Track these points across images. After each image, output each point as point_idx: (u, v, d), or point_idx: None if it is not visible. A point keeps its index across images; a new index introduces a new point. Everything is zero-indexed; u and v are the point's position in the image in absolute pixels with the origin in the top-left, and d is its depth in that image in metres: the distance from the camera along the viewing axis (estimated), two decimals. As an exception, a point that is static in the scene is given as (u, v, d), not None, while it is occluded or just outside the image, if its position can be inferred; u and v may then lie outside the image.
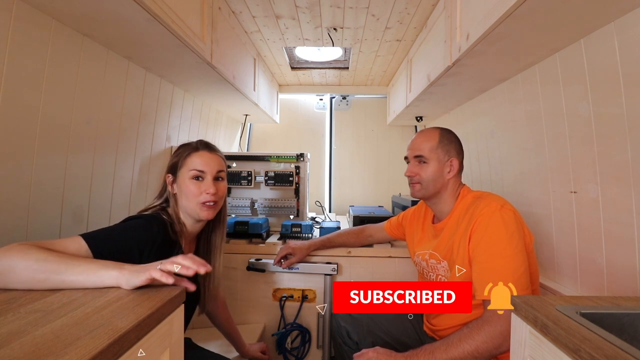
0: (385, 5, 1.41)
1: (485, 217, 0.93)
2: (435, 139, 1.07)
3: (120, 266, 0.65)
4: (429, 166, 1.06)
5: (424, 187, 1.07)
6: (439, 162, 1.05)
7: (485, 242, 0.91)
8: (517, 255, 0.88)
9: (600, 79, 0.90)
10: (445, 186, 1.07)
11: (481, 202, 0.97)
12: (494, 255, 0.89)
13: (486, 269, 0.90)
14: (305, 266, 1.49)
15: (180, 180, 0.96)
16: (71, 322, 0.50)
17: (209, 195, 0.94)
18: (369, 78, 2.49)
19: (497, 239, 0.90)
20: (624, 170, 0.85)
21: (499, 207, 0.93)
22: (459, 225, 1.00)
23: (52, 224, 0.99)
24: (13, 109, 0.83)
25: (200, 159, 0.96)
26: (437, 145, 1.06)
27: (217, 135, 2.20)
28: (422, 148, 1.07)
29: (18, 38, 0.81)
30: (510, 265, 0.87)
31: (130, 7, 0.83)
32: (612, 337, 0.52)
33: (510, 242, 0.89)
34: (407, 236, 1.30)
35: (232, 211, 1.77)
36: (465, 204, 1.02)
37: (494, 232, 0.91)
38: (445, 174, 1.06)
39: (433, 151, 1.06)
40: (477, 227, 0.94)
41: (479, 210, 0.95)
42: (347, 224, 2.10)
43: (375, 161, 2.80)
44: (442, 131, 1.10)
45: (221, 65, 1.36)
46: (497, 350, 0.83)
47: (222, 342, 1.29)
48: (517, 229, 0.91)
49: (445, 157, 1.06)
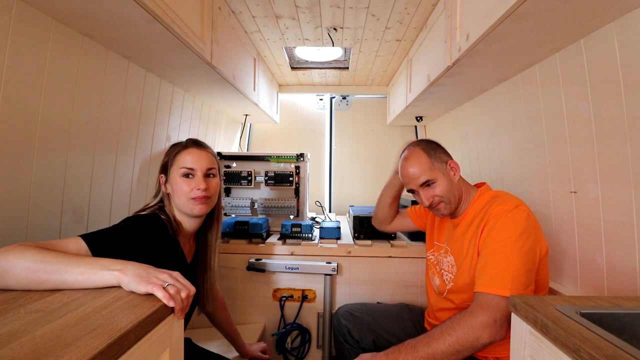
0: (385, 5, 1.41)
1: (497, 215, 0.93)
2: (424, 157, 1.05)
3: (123, 264, 0.64)
4: (439, 183, 1.04)
5: (448, 202, 1.05)
6: (442, 173, 1.04)
7: (492, 238, 0.91)
8: (521, 255, 0.87)
9: (600, 79, 0.90)
10: (460, 188, 1.08)
11: (496, 201, 0.97)
12: (497, 251, 0.89)
13: (487, 262, 0.90)
14: (305, 266, 1.50)
15: (172, 179, 0.96)
16: (71, 322, 0.50)
17: (200, 191, 0.94)
18: (369, 78, 2.49)
19: (504, 237, 0.90)
20: (624, 170, 0.85)
21: (513, 206, 0.93)
22: (473, 221, 1.01)
23: (52, 223, 0.99)
24: (13, 108, 0.83)
25: (189, 156, 0.96)
26: (430, 161, 1.05)
27: (217, 135, 2.20)
28: (422, 174, 1.04)
29: (18, 38, 0.81)
30: (510, 263, 0.87)
31: (130, 7, 0.83)
32: (612, 337, 0.52)
33: (517, 241, 0.88)
34: (427, 227, 1.29)
35: (232, 211, 1.77)
36: (482, 201, 1.03)
37: (502, 228, 0.91)
38: (453, 179, 1.06)
39: (433, 170, 1.04)
40: (488, 224, 0.94)
41: (492, 209, 0.95)
42: (347, 223, 2.10)
43: (375, 161, 2.80)
44: (422, 147, 1.08)
45: (221, 65, 1.36)
46: (478, 342, 0.82)
47: (222, 342, 1.29)
48: (528, 230, 0.90)
49: (443, 165, 1.06)
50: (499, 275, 0.86)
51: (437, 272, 1.13)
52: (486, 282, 0.87)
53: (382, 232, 1.62)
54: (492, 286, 0.86)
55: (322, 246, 1.54)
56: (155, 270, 0.65)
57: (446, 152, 1.10)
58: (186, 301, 0.63)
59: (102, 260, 0.66)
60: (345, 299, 1.51)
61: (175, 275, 0.66)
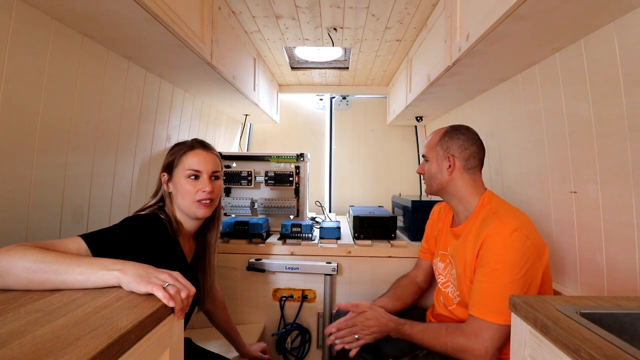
0: (385, 5, 1.41)
1: (494, 239, 0.93)
2: (438, 137, 1.11)
3: (123, 264, 0.64)
4: (429, 164, 1.12)
5: (427, 184, 1.14)
6: (437, 159, 1.09)
7: (487, 263, 0.93)
8: (514, 283, 0.89)
9: (600, 79, 0.90)
10: (450, 182, 1.07)
11: (495, 220, 0.95)
12: (491, 279, 0.91)
13: (480, 288, 0.93)
14: (305, 266, 1.50)
15: (176, 179, 0.96)
16: (71, 322, 0.50)
17: (205, 194, 0.94)
18: (369, 78, 2.49)
19: (499, 264, 0.90)
20: (624, 170, 0.85)
21: (510, 231, 0.91)
22: (469, 236, 1.01)
23: (52, 223, 0.99)
24: (13, 108, 0.83)
25: (196, 157, 0.96)
26: (437, 143, 1.10)
27: (217, 135, 2.20)
28: (426, 147, 1.14)
29: (18, 38, 0.81)
30: (502, 292, 0.88)
31: (130, 7, 0.83)
32: (612, 337, 0.52)
33: (511, 270, 0.89)
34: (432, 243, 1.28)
35: (232, 211, 1.77)
36: (481, 215, 1.01)
37: (497, 256, 0.91)
38: (444, 170, 1.07)
39: (432, 149, 1.11)
40: (484, 246, 0.94)
41: (489, 230, 0.94)
42: (347, 223, 2.10)
43: (375, 161, 2.80)
44: (448, 129, 1.11)
45: (221, 65, 1.36)
46: (459, 356, 0.92)
47: (222, 342, 1.29)
48: (524, 256, 0.89)
49: (444, 153, 1.07)
50: (494, 303, 0.90)
51: (443, 283, 1.13)
52: (481, 307, 0.92)
53: (382, 232, 1.62)
54: (487, 313, 0.90)
55: (322, 246, 1.54)
56: (155, 270, 0.65)
57: (463, 146, 1.06)
58: (186, 301, 0.63)
59: (102, 260, 0.66)
60: (345, 299, 1.51)
61: (176, 275, 0.66)
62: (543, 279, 0.94)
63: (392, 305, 1.20)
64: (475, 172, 1.08)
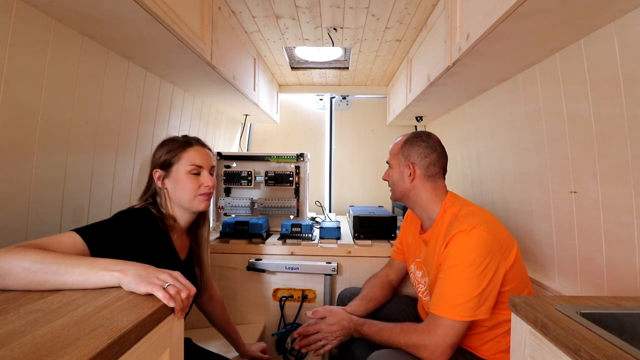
0: (385, 5, 1.41)
1: (455, 239, 0.93)
2: (400, 144, 1.12)
3: (123, 265, 0.64)
4: (391, 171, 1.15)
5: (392, 190, 1.16)
6: (399, 166, 1.11)
7: (448, 260, 0.93)
8: (473, 278, 0.88)
9: (600, 79, 0.90)
10: (412, 190, 1.08)
11: (456, 222, 0.96)
12: (449, 276, 0.91)
13: (439, 286, 0.93)
14: (305, 266, 1.50)
15: (176, 175, 0.97)
16: (71, 322, 0.50)
17: (207, 188, 0.99)
18: (369, 78, 2.49)
19: (459, 261, 0.90)
20: (624, 170, 0.85)
21: (470, 228, 0.91)
22: (437, 242, 1.01)
23: (52, 223, 0.99)
24: (13, 108, 0.83)
25: (197, 153, 0.99)
26: (399, 150, 1.12)
27: (217, 135, 2.20)
28: (389, 153, 1.17)
29: (18, 38, 0.81)
30: (462, 288, 0.89)
31: (130, 7, 0.83)
32: (612, 337, 0.52)
33: (470, 266, 0.89)
34: (406, 247, 1.29)
35: (232, 211, 1.77)
36: (446, 221, 1.01)
37: (458, 251, 0.92)
38: (405, 178, 1.08)
39: (395, 157, 1.13)
40: (447, 249, 0.95)
41: (452, 230, 0.95)
42: (347, 223, 2.10)
43: (375, 161, 2.80)
44: (409, 136, 1.12)
45: (221, 65, 1.36)
46: (419, 355, 0.92)
47: (222, 342, 1.29)
48: (483, 252, 0.89)
49: (405, 161, 1.08)
50: (450, 299, 0.90)
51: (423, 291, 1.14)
52: (438, 303, 0.92)
53: (382, 232, 1.62)
54: (442, 309, 0.90)
55: (322, 246, 1.54)
56: (155, 270, 0.65)
57: (424, 154, 1.06)
58: (186, 301, 0.63)
59: (102, 260, 0.66)
60: (345, 299, 1.51)
61: (176, 275, 0.66)
62: (513, 275, 0.93)
63: (365, 306, 1.21)
64: (436, 179, 1.08)
